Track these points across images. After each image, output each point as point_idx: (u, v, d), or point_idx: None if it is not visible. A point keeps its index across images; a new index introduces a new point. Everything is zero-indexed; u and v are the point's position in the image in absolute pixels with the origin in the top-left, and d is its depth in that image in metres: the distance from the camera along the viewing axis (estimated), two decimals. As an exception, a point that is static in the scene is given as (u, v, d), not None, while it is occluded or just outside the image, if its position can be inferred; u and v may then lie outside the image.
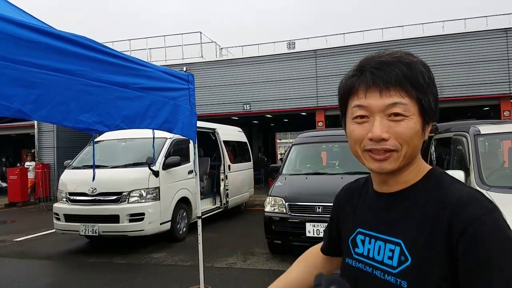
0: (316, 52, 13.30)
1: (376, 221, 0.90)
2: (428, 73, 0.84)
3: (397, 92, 0.81)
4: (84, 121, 2.79)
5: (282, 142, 45.18)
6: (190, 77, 4.10)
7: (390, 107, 0.81)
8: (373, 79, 0.82)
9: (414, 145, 0.83)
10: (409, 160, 0.84)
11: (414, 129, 0.81)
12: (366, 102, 0.83)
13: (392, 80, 0.80)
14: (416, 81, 0.81)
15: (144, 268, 5.74)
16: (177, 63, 14.41)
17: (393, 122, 0.81)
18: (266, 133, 25.12)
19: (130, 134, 7.17)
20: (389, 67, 0.82)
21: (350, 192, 1.07)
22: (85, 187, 6.56)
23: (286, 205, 5.59)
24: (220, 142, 9.24)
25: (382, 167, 0.83)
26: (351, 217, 1.01)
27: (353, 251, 0.95)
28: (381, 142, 0.81)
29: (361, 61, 0.87)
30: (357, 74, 0.86)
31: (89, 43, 2.80)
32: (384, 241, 0.86)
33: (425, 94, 0.82)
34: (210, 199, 9.26)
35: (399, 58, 0.83)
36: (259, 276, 5.24)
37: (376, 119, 0.82)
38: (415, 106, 0.81)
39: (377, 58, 0.85)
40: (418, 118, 0.82)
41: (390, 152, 0.82)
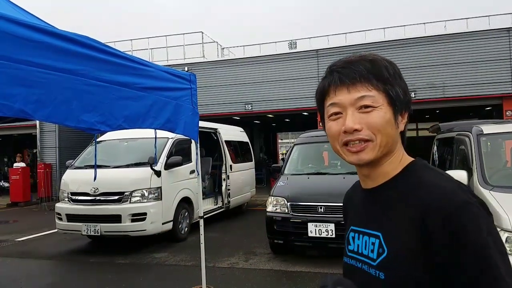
0: (317, 52, 13.28)
1: (362, 217, 0.96)
2: (393, 68, 0.91)
3: (363, 86, 0.87)
4: (86, 120, 2.79)
5: (284, 142, 45.16)
6: (192, 77, 4.10)
7: (359, 100, 0.87)
8: (340, 77, 0.89)
9: (388, 133, 0.87)
10: (386, 149, 0.88)
11: (385, 118, 0.86)
12: (337, 99, 0.89)
13: (357, 76, 0.87)
14: (380, 75, 0.88)
15: (146, 268, 5.74)
16: (179, 63, 14.41)
17: (364, 113, 0.87)
18: (267, 133, 25.11)
19: (132, 134, 7.17)
20: (353, 65, 0.89)
21: (350, 195, 1.12)
22: (87, 187, 6.57)
23: (288, 205, 5.58)
24: (221, 142, 9.24)
25: (360, 158, 0.88)
26: (350, 216, 1.05)
27: (347, 249, 0.99)
28: (355, 133, 0.86)
29: (330, 64, 0.95)
30: (327, 76, 0.93)
31: (91, 43, 2.79)
32: (368, 235, 0.91)
33: (391, 85, 0.88)
34: (212, 199, 9.26)
35: (362, 57, 0.91)
36: (261, 276, 5.23)
37: (348, 113, 0.88)
38: (383, 97, 0.87)
39: (343, 59, 0.93)
40: (388, 108, 0.87)
41: (366, 142, 0.87)
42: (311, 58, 13.27)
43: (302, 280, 4.96)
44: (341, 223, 5.20)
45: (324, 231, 5.26)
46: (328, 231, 5.24)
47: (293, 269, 5.40)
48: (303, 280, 4.97)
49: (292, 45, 16.86)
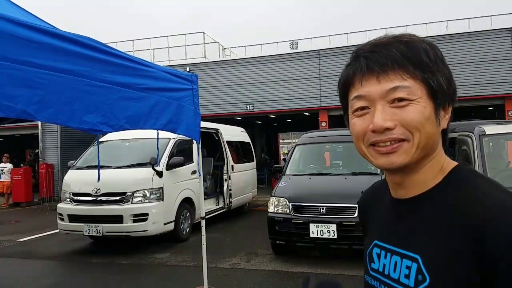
0: (319, 52, 13.27)
1: (392, 232, 0.79)
2: (434, 51, 0.73)
3: (397, 74, 0.71)
4: (88, 121, 2.79)
5: (285, 142, 45.16)
6: (194, 77, 4.10)
7: (391, 92, 0.70)
8: (367, 64, 0.73)
9: (427, 132, 0.71)
10: (425, 152, 0.72)
11: (424, 114, 0.70)
12: (364, 90, 0.73)
13: (389, 61, 0.71)
14: (418, 60, 0.71)
15: (147, 269, 5.74)
16: (181, 64, 14.43)
17: (397, 108, 0.71)
18: (269, 133, 25.11)
19: (133, 135, 7.17)
20: (384, 48, 0.72)
21: (369, 197, 0.95)
22: (89, 187, 6.57)
23: (290, 205, 5.58)
24: (223, 142, 9.24)
25: (391, 161, 0.72)
26: (372, 226, 0.89)
27: (369, 267, 0.84)
28: (386, 132, 0.71)
29: (356, 48, 0.78)
30: (352, 63, 0.77)
31: (93, 44, 2.80)
32: (400, 256, 0.75)
33: (432, 73, 0.72)
34: (213, 199, 9.26)
35: (396, 38, 0.74)
36: (263, 277, 5.23)
37: (377, 108, 0.71)
38: (422, 88, 0.71)
39: (372, 41, 0.76)
40: (427, 101, 0.71)
41: (400, 142, 0.71)
42: (313, 58, 13.27)
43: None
44: (342, 223, 5.21)
45: (326, 232, 5.25)
46: (330, 231, 5.23)
47: (295, 269, 5.40)
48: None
49: (293, 45, 16.86)
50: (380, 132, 0.71)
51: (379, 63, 0.72)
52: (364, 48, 0.75)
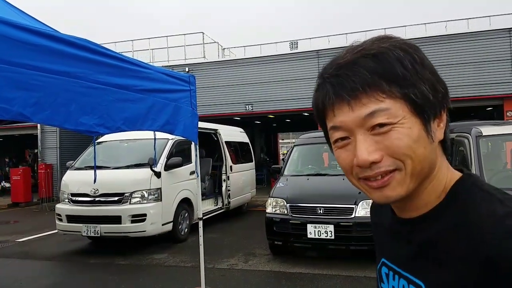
0: (318, 52, 13.29)
1: (397, 253, 0.73)
2: (411, 56, 0.63)
3: (370, 97, 0.61)
4: (85, 123, 2.80)
5: (285, 142, 45.17)
6: (191, 78, 4.10)
7: (369, 118, 0.62)
8: (334, 91, 0.64)
9: (420, 155, 0.62)
10: (422, 177, 0.64)
11: (411, 136, 0.61)
12: (338, 121, 0.64)
13: (358, 84, 0.61)
14: (392, 75, 0.61)
15: (145, 269, 5.74)
16: (180, 64, 14.44)
17: (379, 136, 0.62)
18: (268, 133, 25.11)
19: (132, 135, 7.17)
20: (350, 69, 0.63)
21: (375, 210, 0.88)
22: (87, 188, 6.58)
23: (288, 206, 5.58)
24: (222, 142, 9.24)
25: (385, 196, 0.64)
26: (380, 241, 0.83)
27: (379, 286, 0.79)
28: (373, 166, 0.62)
29: (321, 71, 0.69)
30: (319, 89, 0.68)
31: (89, 45, 2.80)
32: (407, 281, 0.69)
33: (412, 85, 0.62)
34: (212, 199, 9.27)
35: (362, 51, 0.64)
36: (260, 277, 5.24)
37: (358, 139, 0.63)
38: (403, 106, 0.62)
39: (336, 61, 0.66)
40: (413, 120, 0.62)
41: (390, 173, 0.62)
42: (312, 59, 13.28)
43: (301, 282, 4.96)
44: (340, 224, 5.22)
45: (323, 233, 5.26)
46: (327, 232, 5.24)
47: (293, 270, 5.41)
48: (302, 281, 4.97)
49: (293, 45, 16.86)
50: (366, 166, 0.62)
51: (346, 89, 0.62)
52: (328, 71, 0.66)
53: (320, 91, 0.68)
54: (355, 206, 5.26)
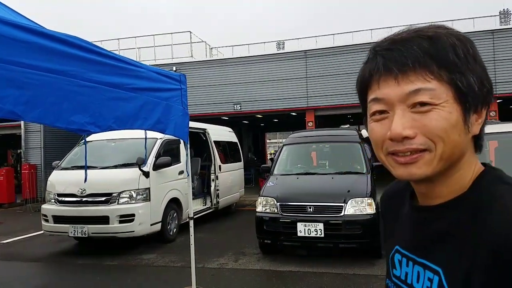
0: (306, 52, 13.37)
1: (413, 240, 0.74)
2: (465, 47, 0.65)
3: (418, 75, 0.63)
4: (76, 122, 2.77)
5: (272, 142, 45.27)
6: (182, 77, 4.10)
7: (412, 95, 0.63)
8: (384, 63, 0.65)
9: (453, 141, 0.63)
10: (450, 162, 0.65)
11: (449, 120, 0.63)
12: (381, 93, 0.66)
13: (409, 61, 0.63)
14: (444, 59, 0.63)
15: (134, 270, 5.70)
16: (167, 63, 14.34)
17: (419, 114, 0.63)
18: (256, 133, 25.15)
19: (120, 135, 7.11)
20: (404, 45, 0.64)
21: (390, 197, 0.88)
22: (74, 188, 6.49)
23: (278, 205, 5.61)
24: (210, 142, 9.23)
25: (410, 173, 0.65)
26: (393, 228, 0.83)
27: (391, 273, 0.80)
28: (405, 142, 0.64)
29: (374, 44, 0.70)
30: (369, 61, 0.69)
31: (81, 43, 2.78)
32: (423, 267, 0.70)
33: (460, 73, 0.63)
34: (201, 199, 9.24)
35: (418, 32, 0.65)
36: (251, 276, 5.25)
37: (396, 113, 0.64)
38: (448, 90, 0.63)
39: (391, 37, 0.68)
40: (454, 106, 0.63)
41: (420, 152, 0.64)
42: (300, 59, 13.36)
43: (291, 280, 4.99)
44: (329, 222, 5.27)
45: (313, 231, 5.30)
46: (317, 230, 5.28)
47: (283, 268, 5.44)
48: (292, 279, 5.01)
49: (280, 45, 16.93)
50: (399, 140, 0.64)
51: (397, 63, 0.64)
52: (382, 45, 0.67)
53: (369, 63, 0.69)
54: (344, 204, 5.32)
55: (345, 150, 6.77)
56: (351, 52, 12.83)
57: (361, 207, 5.31)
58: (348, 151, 6.68)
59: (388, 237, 0.86)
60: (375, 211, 5.35)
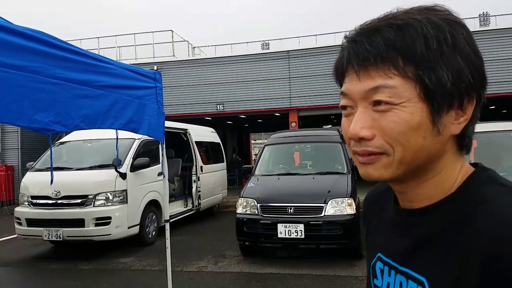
0: (289, 53, 13.35)
1: (396, 246, 0.67)
2: (442, 35, 0.56)
3: (380, 71, 0.57)
4: (39, 120, 2.63)
5: (257, 142, 45.23)
6: (157, 75, 3.97)
7: (372, 92, 0.58)
8: (348, 57, 0.61)
9: (414, 145, 0.57)
10: (415, 166, 0.60)
11: (409, 123, 0.56)
12: (345, 88, 0.62)
13: (371, 55, 0.57)
14: (410, 51, 0.56)
15: (110, 274, 5.53)
16: (148, 62, 14.13)
17: (378, 113, 0.58)
18: (240, 133, 25.05)
19: (96, 135, 6.91)
20: (368, 36, 0.58)
21: (375, 200, 0.82)
22: (48, 190, 6.27)
23: (258, 206, 5.52)
24: (192, 142, 9.09)
25: (367, 173, 0.61)
26: (375, 234, 0.77)
27: (372, 282, 0.73)
28: (362, 143, 0.59)
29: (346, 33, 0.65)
30: (340, 50, 0.64)
31: (45, 38, 2.64)
32: (405, 276, 0.64)
33: (429, 68, 0.56)
34: (182, 201, 9.08)
35: (389, 20, 0.59)
36: (230, 279, 5.15)
37: (358, 111, 0.60)
38: (412, 88, 0.56)
39: (362, 24, 0.62)
40: (419, 105, 0.57)
41: (377, 155, 0.59)
42: (283, 59, 13.33)
43: (271, 282, 4.91)
44: (310, 223, 5.22)
45: (294, 232, 5.23)
46: (297, 231, 5.22)
47: (263, 271, 5.35)
48: (272, 281, 4.93)
49: (264, 45, 16.89)
50: (356, 141, 0.60)
51: (358, 57, 0.59)
52: (350, 35, 0.62)
53: (339, 54, 0.64)
54: (325, 205, 5.27)
55: (326, 150, 6.74)
56: (334, 53, 12.84)
57: (341, 207, 5.27)
58: (329, 151, 6.65)
59: (370, 243, 0.79)
60: (355, 211, 5.31)
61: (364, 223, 0.85)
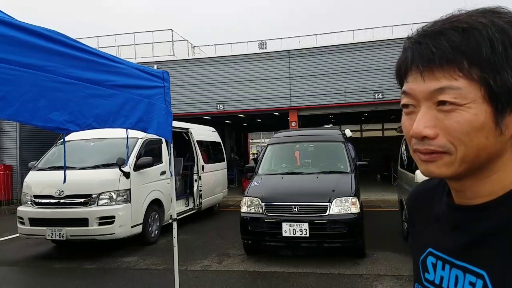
0: (289, 52, 13.37)
1: (451, 242, 0.69)
2: (508, 39, 0.58)
3: (445, 72, 0.59)
4: (54, 119, 2.65)
5: (255, 142, 45.23)
6: (165, 74, 3.98)
7: (437, 93, 0.60)
8: (412, 57, 0.62)
9: (477, 145, 0.59)
10: (476, 165, 0.62)
11: (473, 123, 0.58)
12: (409, 87, 0.64)
13: (436, 56, 0.59)
14: (476, 55, 0.57)
15: (115, 273, 5.54)
16: (148, 61, 14.10)
17: (442, 113, 0.60)
18: (238, 133, 25.06)
19: (99, 134, 6.91)
20: (433, 39, 0.60)
21: (421, 195, 0.83)
22: (51, 189, 6.27)
23: (263, 205, 5.55)
24: (193, 142, 9.10)
25: (428, 171, 0.63)
26: (423, 230, 0.78)
27: (422, 276, 0.75)
28: (425, 141, 0.61)
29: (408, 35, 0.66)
30: (403, 51, 0.66)
31: (60, 38, 2.65)
32: (463, 270, 0.65)
33: (495, 71, 0.57)
34: (183, 200, 9.10)
35: (453, 22, 0.60)
36: (235, 278, 5.18)
37: (421, 110, 0.62)
38: (477, 90, 0.58)
39: (426, 26, 0.64)
40: (483, 107, 0.58)
41: (439, 153, 0.61)
42: (283, 59, 13.35)
43: (276, 280, 4.94)
44: (314, 222, 5.25)
45: (298, 231, 5.27)
46: (302, 230, 5.25)
47: (267, 269, 5.38)
48: (277, 280, 4.96)
49: (262, 45, 16.91)
50: (419, 139, 0.62)
51: (423, 58, 0.60)
52: (414, 36, 0.64)
53: (402, 54, 0.66)
54: (329, 204, 5.30)
55: (329, 150, 6.77)
56: (334, 52, 12.90)
57: (346, 206, 5.31)
58: (332, 151, 6.69)
59: (417, 239, 0.80)
60: (359, 210, 5.36)
61: (410, 219, 0.87)
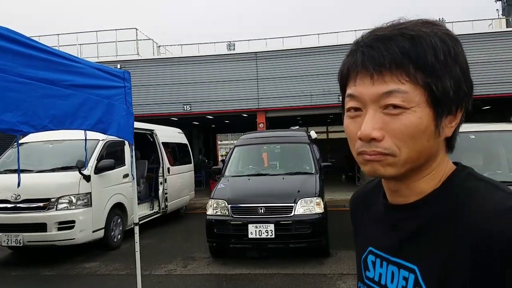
0: (256, 54, 13.42)
1: (387, 240, 0.72)
2: (447, 48, 0.63)
3: (393, 77, 0.62)
4: (6, 121, 2.52)
5: (224, 143, 45.07)
6: (126, 74, 3.89)
7: (385, 96, 0.62)
8: (362, 60, 0.64)
9: (420, 146, 0.63)
10: (416, 165, 0.66)
11: (418, 126, 0.62)
12: (356, 90, 0.66)
13: (386, 61, 0.62)
14: (422, 61, 0.61)
15: (75, 279, 5.34)
16: (111, 60, 13.72)
17: (389, 116, 0.63)
18: (207, 134, 24.87)
19: (57, 136, 6.63)
20: (384, 43, 0.63)
21: (361, 197, 0.87)
22: (7, 193, 5.96)
23: (229, 207, 5.53)
24: (158, 143, 8.93)
25: (374, 169, 0.65)
26: (364, 230, 0.82)
27: (364, 274, 0.79)
28: (372, 143, 0.64)
29: (358, 38, 0.69)
30: (349, 55, 0.68)
31: (12, 36, 2.53)
32: (397, 266, 0.69)
33: (437, 77, 0.62)
34: (148, 203, 8.90)
35: (402, 29, 0.64)
36: (200, 281, 5.12)
37: (368, 112, 0.64)
38: (421, 94, 0.62)
39: (375, 31, 0.66)
40: (425, 110, 0.62)
41: (384, 155, 0.64)
42: (250, 60, 13.39)
43: (242, 282, 4.93)
44: (280, 223, 5.28)
45: (264, 232, 5.28)
46: (268, 231, 5.27)
47: (233, 272, 5.36)
48: (243, 282, 4.95)
49: (230, 46, 16.88)
50: (367, 141, 0.64)
51: (374, 62, 0.63)
52: (364, 40, 0.66)
53: (350, 57, 0.68)
54: (294, 204, 5.35)
55: (295, 151, 6.85)
56: (299, 55, 13.08)
57: (310, 207, 5.38)
58: (298, 152, 6.76)
59: (359, 239, 0.84)
60: (323, 210, 5.44)
61: (352, 220, 0.90)
